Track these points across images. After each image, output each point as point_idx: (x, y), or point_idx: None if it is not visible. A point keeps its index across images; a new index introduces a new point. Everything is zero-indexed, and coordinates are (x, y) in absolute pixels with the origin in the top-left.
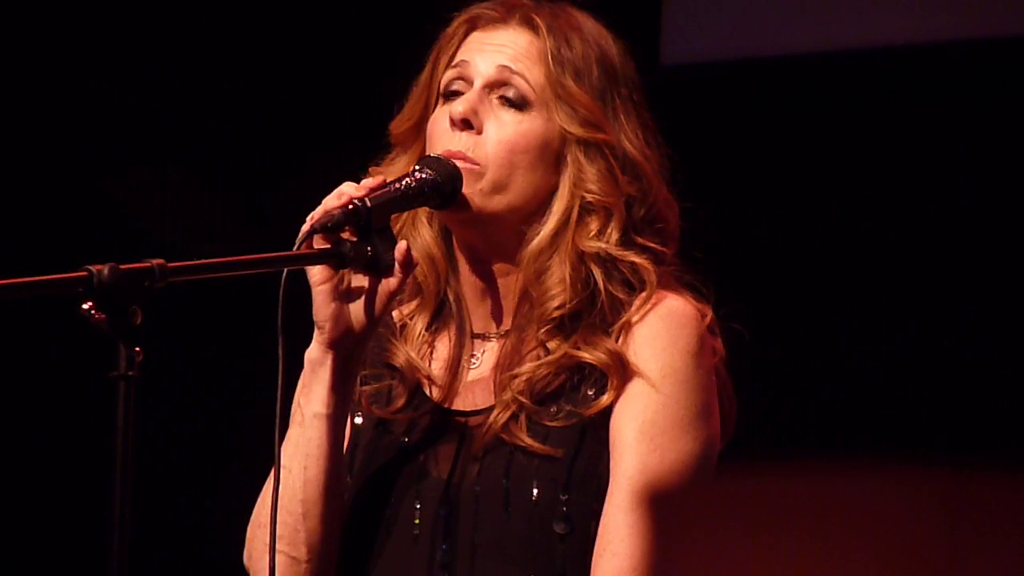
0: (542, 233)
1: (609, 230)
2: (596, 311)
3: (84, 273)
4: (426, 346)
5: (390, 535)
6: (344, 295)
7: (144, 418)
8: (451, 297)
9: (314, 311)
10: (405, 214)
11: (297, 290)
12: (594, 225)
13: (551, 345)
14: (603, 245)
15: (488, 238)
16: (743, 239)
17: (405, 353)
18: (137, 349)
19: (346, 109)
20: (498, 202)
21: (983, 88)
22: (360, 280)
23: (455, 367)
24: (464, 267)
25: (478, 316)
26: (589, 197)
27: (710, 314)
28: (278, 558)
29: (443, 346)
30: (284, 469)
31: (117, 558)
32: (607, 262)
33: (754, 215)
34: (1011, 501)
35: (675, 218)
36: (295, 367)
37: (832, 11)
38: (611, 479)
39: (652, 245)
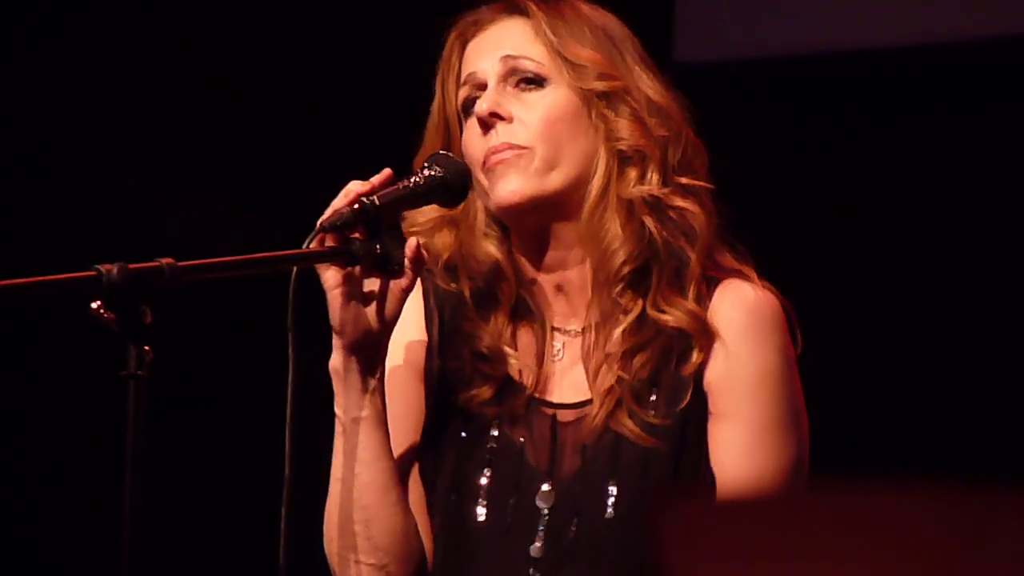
0: (590, 196)
1: (649, 174)
2: (663, 264)
3: (93, 273)
4: (509, 334)
5: (484, 529)
6: (358, 298)
7: (155, 417)
8: (526, 296)
9: (331, 316)
10: (461, 232)
11: (307, 289)
12: (633, 173)
13: (629, 305)
14: (647, 188)
15: (557, 221)
16: (754, 236)
17: (487, 340)
18: (147, 348)
19: (365, 117)
20: (555, 179)
21: (997, 89)
22: (372, 282)
23: (541, 359)
24: (536, 266)
25: (555, 312)
26: (622, 146)
27: (786, 305)
28: (361, 570)
29: (525, 338)
30: (338, 481)
31: (128, 555)
32: (655, 207)
33: (760, 213)
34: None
35: (705, 163)
36: (305, 365)
37: (844, 11)
38: (721, 483)
39: (695, 183)
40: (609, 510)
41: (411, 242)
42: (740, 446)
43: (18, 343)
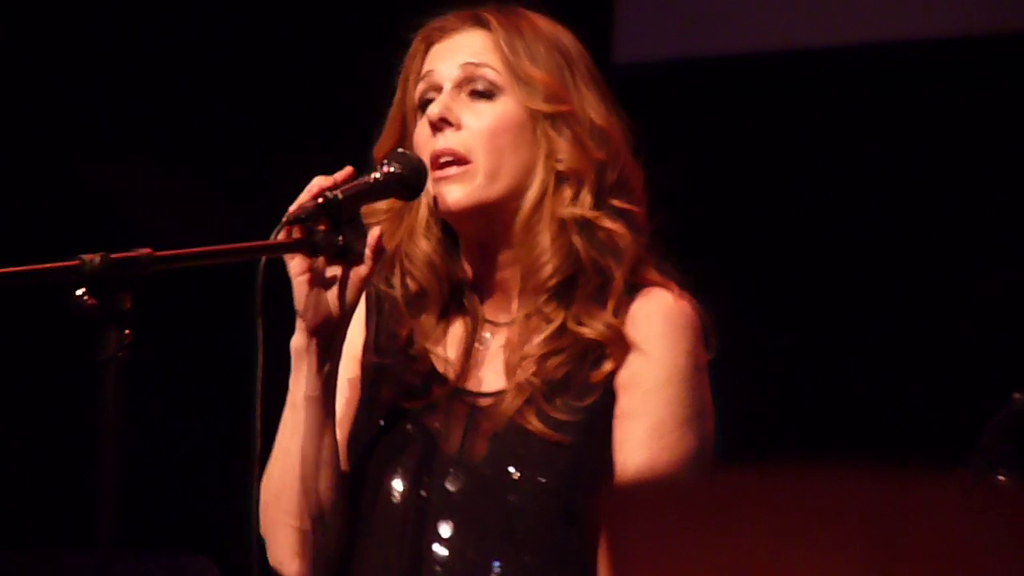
0: (524, 207)
1: (582, 195)
2: (586, 278)
3: (77, 262)
4: (439, 333)
5: (392, 506)
6: (320, 284)
7: (131, 396)
8: (461, 291)
9: (295, 301)
10: (402, 230)
11: (274, 277)
12: (568, 192)
13: (552, 315)
14: (577, 211)
15: (492, 227)
16: (688, 236)
17: (416, 336)
18: (127, 332)
19: (328, 109)
20: (496, 189)
21: (929, 84)
22: (334, 270)
23: (467, 350)
24: (472, 264)
25: (488, 306)
26: (560, 167)
27: (702, 313)
28: (288, 532)
29: (455, 331)
30: (283, 450)
31: (106, 526)
32: (584, 228)
33: (698, 211)
34: (936, 498)
35: (641, 184)
36: (271, 349)
37: (780, 10)
38: (620, 469)
39: (626, 206)
40: (512, 495)
41: (373, 232)
42: (641, 438)
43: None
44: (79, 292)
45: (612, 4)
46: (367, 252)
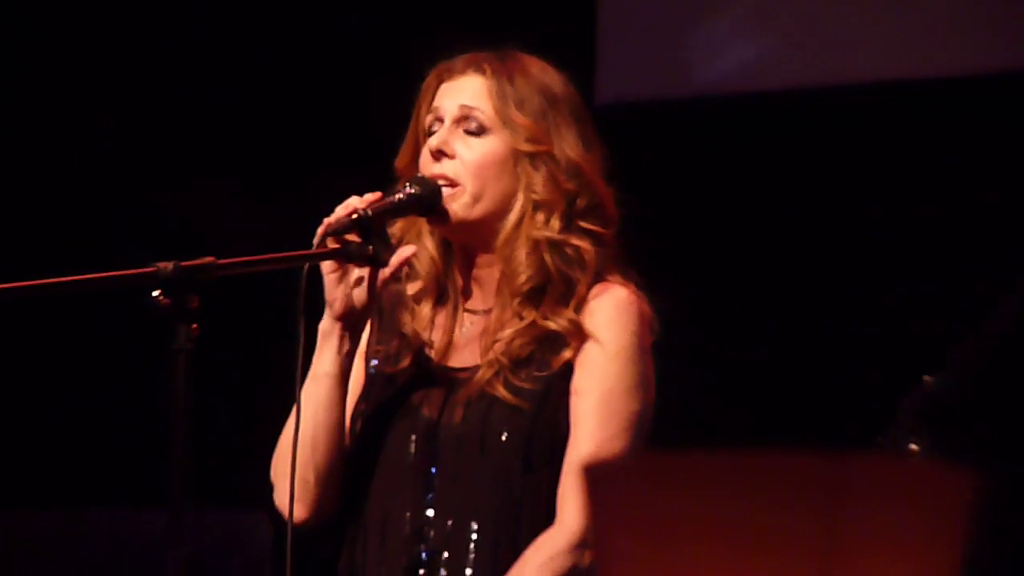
0: (505, 228)
1: (552, 221)
2: (554, 286)
3: (154, 269)
4: (428, 321)
5: (390, 460)
6: (348, 281)
7: (199, 377)
8: (449, 284)
9: (325, 292)
10: (412, 228)
11: (314, 281)
12: (541, 217)
13: (524, 314)
14: (548, 233)
15: (476, 238)
16: (661, 250)
17: (411, 324)
18: (194, 327)
19: (360, 140)
20: (478, 210)
21: (889, 126)
22: (361, 271)
23: (449, 333)
24: (459, 263)
25: (468, 297)
26: (536, 197)
27: (648, 304)
28: (300, 483)
29: (442, 320)
30: (303, 417)
31: (177, 486)
32: (554, 245)
33: (672, 231)
34: (879, 479)
35: (612, 204)
36: (311, 340)
37: (754, 54)
38: (574, 433)
39: (594, 228)
40: (482, 449)
41: (408, 249)
42: (593, 402)
43: (85, 327)
44: (155, 293)
45: (594, 47)
46: (394, 262)
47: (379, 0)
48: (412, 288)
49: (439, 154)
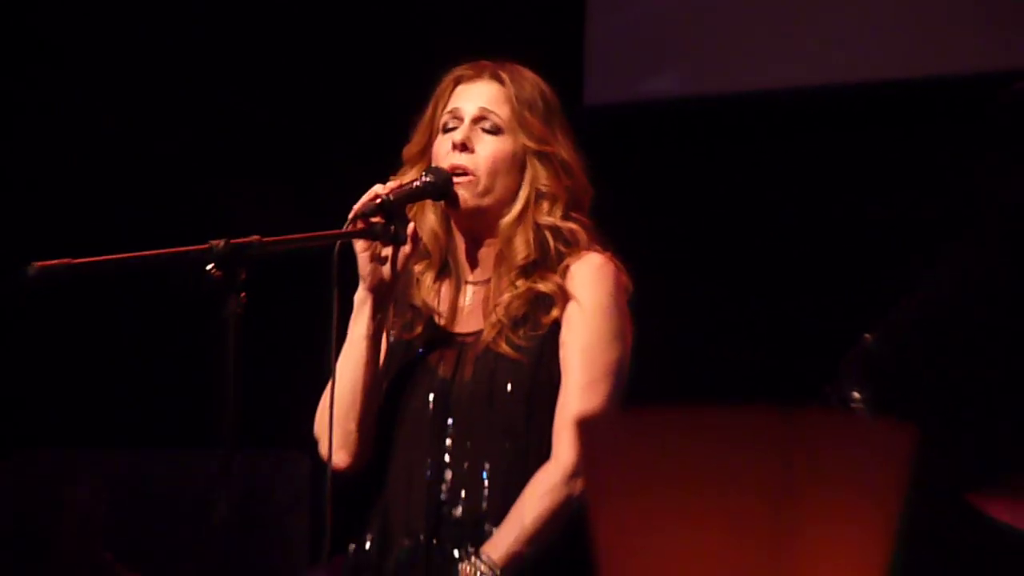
0: (512, 213)
1: (555, 209)
2: (548, 260)
3: (208, 246)
4: (434, 292)
5: (413, 416)
6: (377, 259)
7: (247, 340)
8: (451, 259)
9: (359, 268)
10: (416, 208)
11: (345, 258)
12: (546, 206)
13: (519, 283)
14: (550, 219)
15: (481, 222)
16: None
17: (421, 297)
18: (242, 295)
19: (383, 141)
20: (488, 199)
21: (863, 125)
22: (387, 249)
23: (454, 303)
24: (460, 240)
25: (469, 270)
26: (542, 188)
27: (623, 268)
28: (336, 432)
29: (446, 290)
30: (339, 373)
31: (228, 429)
32: (554, 229)
33: (649, 220)
34: (827, 432)
35: (590, 199)
36: (344, 309)
37: (733, 58)
38: (564, 377)
39: (581, 217)
40: (492, 401)
41: (410, 227)
42: (577, 356)
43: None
44: (209, 267)
45: (582, 53)
46: (408, 238)
47: (383, 10)
48: (417, 266)
49: (462, 147)
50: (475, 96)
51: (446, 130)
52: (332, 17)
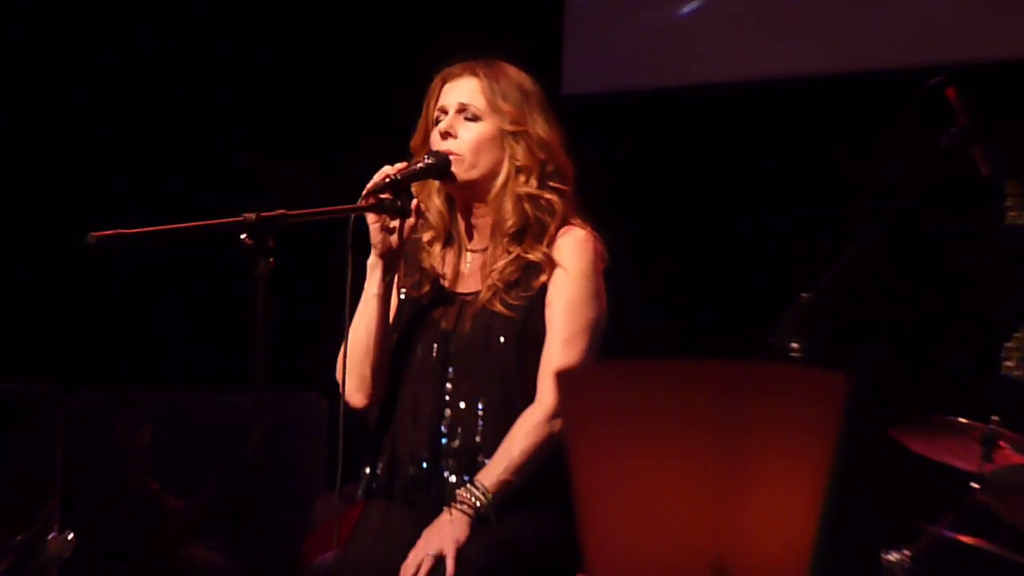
0: (497, 184)
1: (531, 180)
2: (532, 228)
3: (241, 218)
4: (440, 258)
5: (419, 362)
6: (386, 229)
7: (275, 298)
8: (453, 231)
9: (371, 237)
10: (423, 191)
11: (358, 229)
12: (522, 178)
13: (511, 249)
14: (527, 189)
15: (473, 194)
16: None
17: (428, 262)
18: (270, 260)
19: (388, 122)
20: (475, 173)
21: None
22: (394, 222)
23: (456, 268)
24: (461, 214)
25: (468, 240)
26: (518, 163)
27: (600, 241)
28: (352, 377)
29: (450, 257)
30: (355, 327)
31: (260, 373)
32: (532, 198)
33: (621, 195)
34: (771, 380)
35: (569, 170)
36: (357, 271)
37: (700, 52)
38: (549, 332)
39: (558, 186)
40: (487, 350)
41: (414, 202)
42: (559, 311)
43: (190, 260)
44: (242, 236)
45: (561, 48)
46: (412, 213)
47: (383, 12)
48: (426, 235)
49: (446, 135)
50: (456, 92)
51: (437, 122)
52: (339, 30)
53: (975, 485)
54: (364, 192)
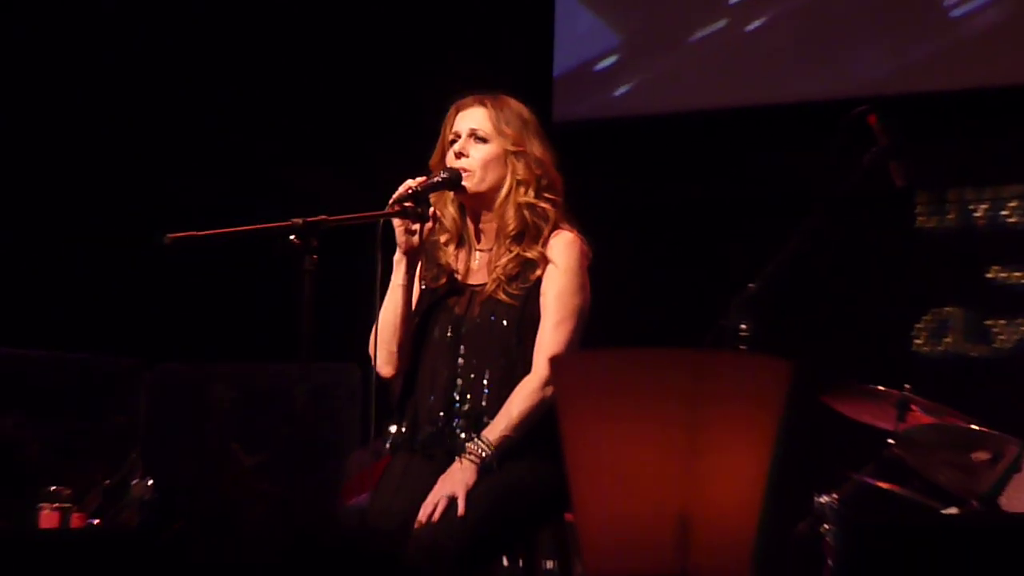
0: (501, 195)
1: (529, 191)
2: (530, 231)
3: (289, 223)
4: (454, 256)
5: (436, 341)
6: (408, 231)
7: (318, 287)
8: (464, 234)
9: (396, 237)
10: (440, 200)
11: (386, 231)
12: (522, 190)
13: (512, 248)
14: (526, 199)
15: (482, 203)
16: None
17: (444, 259)
18: (314, 257)
19: (415, 143)
20: (483, 186)
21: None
22: (415, 225)
23: (467, 264)
24: (471, 221)
25: (477, 241)
26: (519, 177)
27: (586, 242)
28: (382, 352)
29: (462, 255)
30: (384, 311)
31: (305, 345)
32: (530, 206)
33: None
34: (726, 367)
35: (560, 183)
36: (385, 266)
37: (677, 84)
38: (543, 316)
39: (552, 197)
40: (492, 332)
41: (431, 209)
42: (551, 299)
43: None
44: (291, 237)
45: (551, 81)
46: (429, 218)
47: (406, 56)
48: (442, 237)
49: (460, 155)
50: (467, 119)
51: (453, 143)
52: (371, 72)
53: (891, 441)
54: (391, 201)
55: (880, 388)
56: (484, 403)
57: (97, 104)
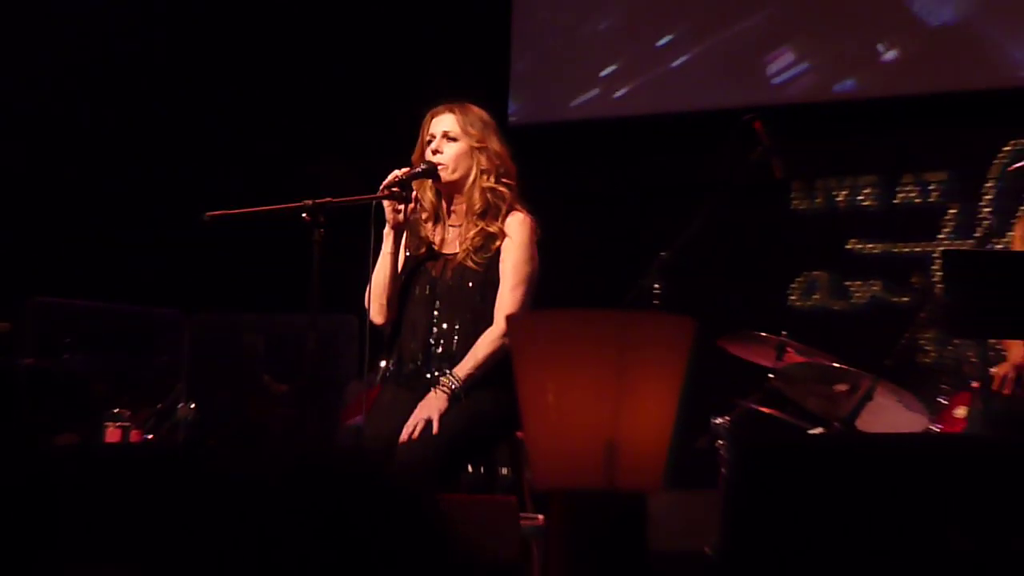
0: (468, 182)
1: (491, 178)
2: (491, 210)
3: (301, 203)
4: (431, 230)
5: (416, 297)
6: (395, 210)
7: (324, 257)
8: (440, 212)
9: (386, 215)
10: (421, 186)
11: (378, 210)
12: (485, 177)
13: (477, 224)
14: (489, 184)
15: (454, 188)
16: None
17: (424, 233)
18: (321, 231)
19: (403, 139)
20: (454, 176)
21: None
22: (401, 206)
23: (443, 236)
24: (445, 201)
25: (449, 219)
26: (482, 167)
27: (536, 220)
28: (374, 305)
29: (438, 230)
30: (375, 273)
31: (313, 301)
32: (492, 190)
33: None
34: (648, 326)
35: (514, 172)
36: (378, 238)
37: (629, 88)
38: (501, 280)
39: (508, 182)
40: (461, 288)
41: (414, 193)
42: (508, 267)
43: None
44: (303, 215)
45: (507, 87)
46: (412, 199)
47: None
48: (423, 215)
49: (435, 152)
50: (440, 123)
51: (428, 144)
52: (372, 86)
53: (771, 376)
54: (381, 186)
55: (763, 334)
56: (454, 348)
57: (159, 102)
